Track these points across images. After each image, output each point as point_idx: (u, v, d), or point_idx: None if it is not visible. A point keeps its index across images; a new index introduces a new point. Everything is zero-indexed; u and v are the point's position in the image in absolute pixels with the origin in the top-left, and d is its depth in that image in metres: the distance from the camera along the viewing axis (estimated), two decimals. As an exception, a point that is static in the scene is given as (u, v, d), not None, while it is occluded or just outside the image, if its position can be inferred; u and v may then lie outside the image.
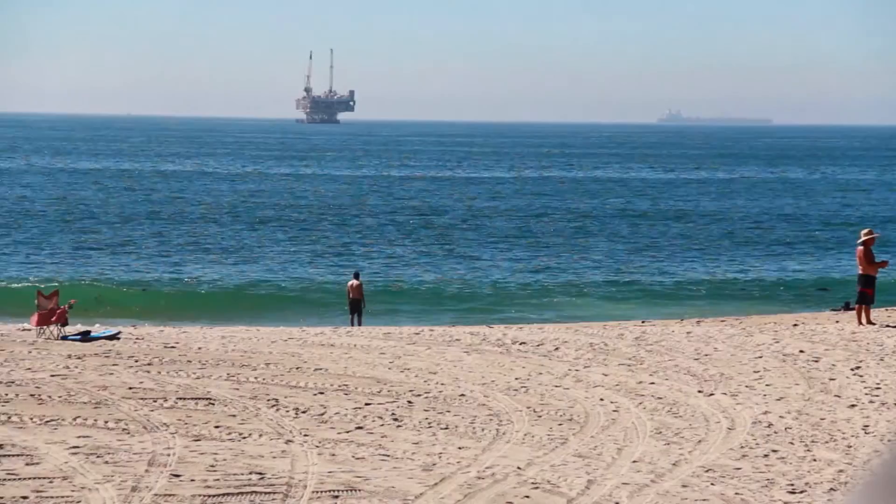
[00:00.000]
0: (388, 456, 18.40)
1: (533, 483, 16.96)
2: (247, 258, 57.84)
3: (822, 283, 48.85)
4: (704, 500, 16.19)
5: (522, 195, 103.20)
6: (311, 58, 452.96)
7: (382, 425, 20.40)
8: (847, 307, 36.23)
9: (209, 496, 15.88)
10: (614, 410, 21.61)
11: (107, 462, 17.65)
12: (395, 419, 20.82)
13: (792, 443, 19.35)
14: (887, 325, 30.27)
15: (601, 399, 22.49)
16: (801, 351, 26.77)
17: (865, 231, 32.04)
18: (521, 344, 28.17)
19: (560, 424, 20.62)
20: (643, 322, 33.91)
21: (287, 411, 21.29)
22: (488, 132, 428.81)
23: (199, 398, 22.18)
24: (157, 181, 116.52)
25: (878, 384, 23.57)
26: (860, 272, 31.23)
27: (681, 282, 50.54)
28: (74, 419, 20.38)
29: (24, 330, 30.87)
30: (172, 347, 27.45)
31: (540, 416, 21.17)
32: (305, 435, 19.63)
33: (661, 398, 22.52)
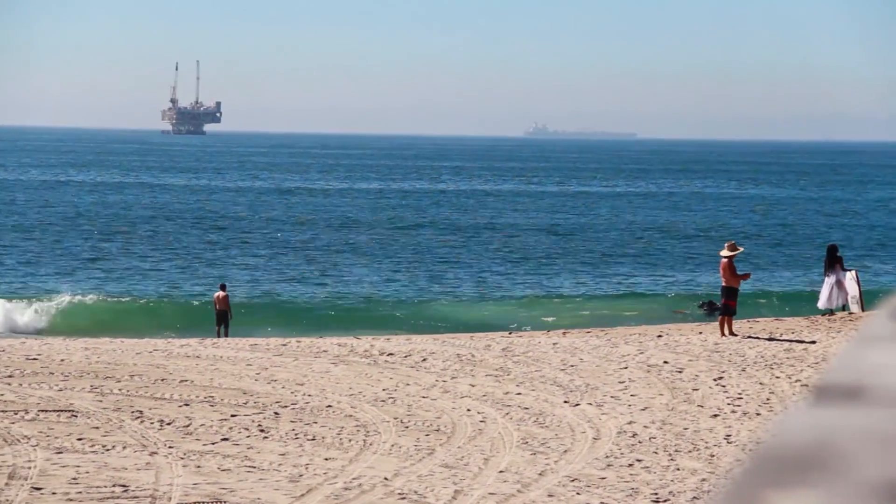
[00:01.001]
0: (255, 467, 18.28)
1: (400, 493, 16.97)
2: (108, 269, 57.14)
3: (686, 294, 49.48)
4: (570, 509, 16.31)
5: (389, 208, 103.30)
6: (177, 69, 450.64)
7: (249, 437, 20.27)
8: (711, 306, 36.62)
9: (71, 509, 15.64)
10: (481, 421, 21.69)
11: (-34, 475, 17.30)
12: (262, 430, 20.70)
13: (656, 452, 19.58)
14: (749, 337, 30.77)
15: (468, 410, 22.57)
16: (666, 362, 27.11)
17: (729, 244, 32.62)
18: (388, 355, 28.16)
19: (427, 435, 20.65)
20: (510, 333, 34.10)
21: (152, 423, 21.06)
22: (358, 144, 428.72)
23: (62, 410, 21.85)
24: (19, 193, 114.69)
25: (740, 394, 23.94)
26: (724, 284, 31.73)
27: (548, 293, 50.92)
28: (-68, 432, 19.95)
29: None
30: (34, 359, 26.99)
31: (407, 427, 21.18)
32: (170, 447, 19.43)
33: (527, 408, 22.66)
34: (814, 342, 29.76)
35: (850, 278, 35.78)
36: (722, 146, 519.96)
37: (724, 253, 32.23)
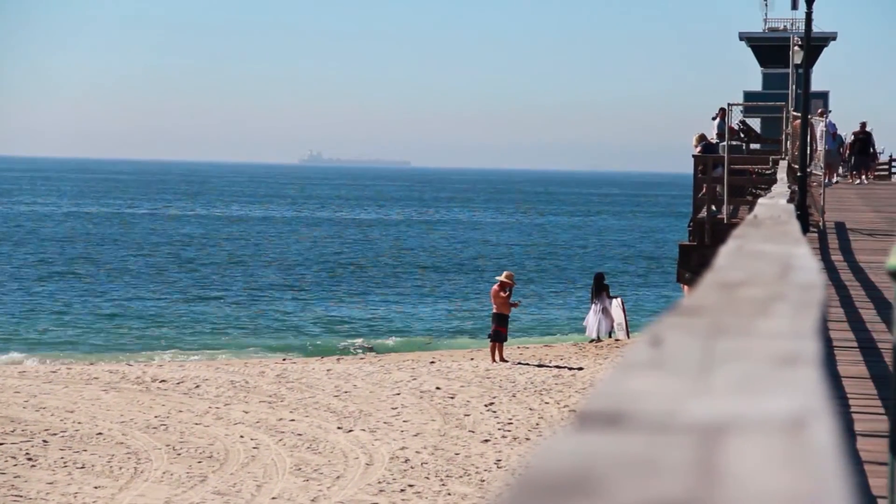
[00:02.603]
0: (21, 496, 17.92)
1: (171, 522, 16.82)
2: None
3: (459, 321, 50.01)
4: (343, 535, 16.39)
5: (161, 233, 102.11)
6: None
7: (16, 465, 19.84)
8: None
9: None
10: (254, 447, 21.63)
11: None
12: (30, 459, 20.28)
13: (428, 477, 19.79)
14: (519, 363, 31.27)
15: (241, 436, 22.48)
16: (438, 388, 27.39)
17: (507, 274, 33.26)
18: (161, 381, 27.86)
19: (199, 462, 20.50)
20: (284, 359, 34.03)
21: (-87, 452, 20.45)
22: (120, 169, 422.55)
23: None
24: None
25: (510, 419, 24.32)
26: (494, 311, 32.25)
27: (322, 320, 50.93)
28: None
29: None
30: None
31: (179, 454, 21.00)
32: (-67, 477, 18.91)
33: (301, 435, 22.67)
34: (581, 368, 30.40)
35: (616, 305, 36.66)
36: (494, 175, 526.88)
37: (499, 278, 32.86)
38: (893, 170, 62.31)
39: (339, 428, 23.34)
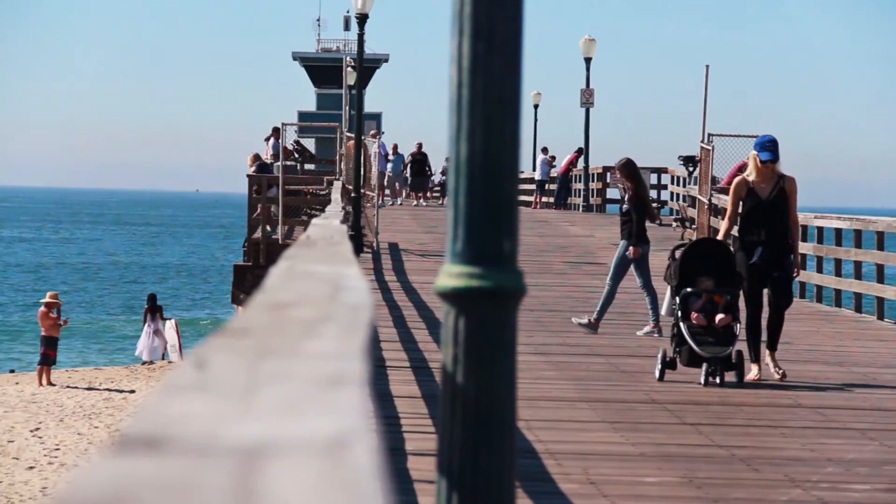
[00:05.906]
0: None
1: None
2: None
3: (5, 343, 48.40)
4: None
5: None
6: None
7: None
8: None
9: None
10: None
11: None
12: None
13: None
14: (68, 386, 30.50)
15: None
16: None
17: (51, 294, 32.34)
18: None
19: None
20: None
21: None
22: None
23: None
24: None
25: (57, 445, 23.68)
26: (43, 333, 31.33)
27: None
28: None
29: None
30: None
31: None
32: None
33: None
34: (133, 391, 29.94)
35: (169, 327, 36.26)
36: (46, 192, 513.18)
37: (44, 300, 31.91)
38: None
39: None
